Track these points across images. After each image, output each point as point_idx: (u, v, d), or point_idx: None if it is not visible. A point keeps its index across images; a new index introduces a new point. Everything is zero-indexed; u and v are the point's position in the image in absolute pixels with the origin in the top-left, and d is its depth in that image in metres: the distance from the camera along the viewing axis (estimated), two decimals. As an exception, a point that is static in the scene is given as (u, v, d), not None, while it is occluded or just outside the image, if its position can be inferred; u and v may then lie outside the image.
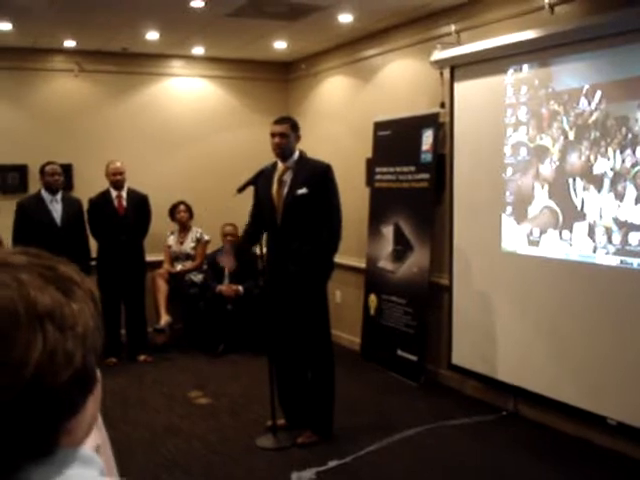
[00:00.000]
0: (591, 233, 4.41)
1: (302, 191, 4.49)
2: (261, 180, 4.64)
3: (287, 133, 4.55)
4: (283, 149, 4.56)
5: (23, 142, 7.00)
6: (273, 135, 4.57)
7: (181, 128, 7.69)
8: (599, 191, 4.33)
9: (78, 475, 0.79)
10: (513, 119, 4.99)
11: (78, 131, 7.24)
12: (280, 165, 4.63)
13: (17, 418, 0.73)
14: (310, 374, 4.67)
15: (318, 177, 4.52)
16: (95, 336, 0.80)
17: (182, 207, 7.36)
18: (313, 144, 6.24)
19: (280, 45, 7.01)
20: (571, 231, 4.55)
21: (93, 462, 0.82)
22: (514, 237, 5.01)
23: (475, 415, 5.10)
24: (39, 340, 0.73)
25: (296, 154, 4.62)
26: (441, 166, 5.73)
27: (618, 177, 4.20)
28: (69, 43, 6.81)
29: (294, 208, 4.52)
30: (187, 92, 7.79)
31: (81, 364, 0.77)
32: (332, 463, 4.30)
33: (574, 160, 4.51)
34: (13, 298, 0.74)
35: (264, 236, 4.79)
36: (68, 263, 0.83)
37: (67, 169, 6.85)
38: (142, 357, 6.68)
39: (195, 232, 7.39)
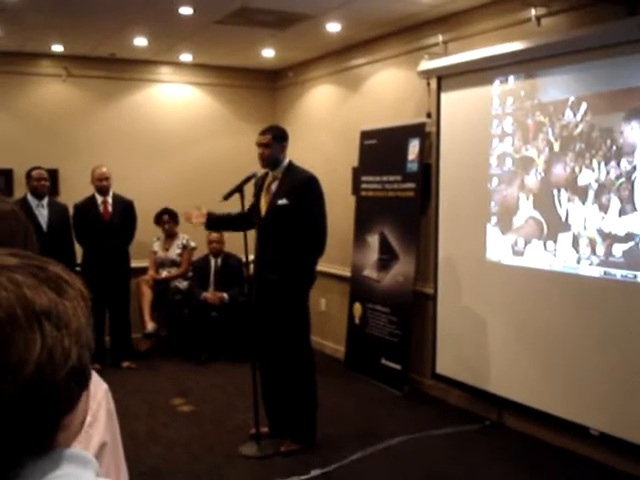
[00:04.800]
0: (575, 244, 4.43)
1: (282, 202, 4.53)
2: (256, 188, 4.74)
3: (269, 144, 4.58)
4: (265, 159, 4.61)
5: (9, 146, 6.98)
6: (257, 145, 4.64)
7: (168, 135, 7.68)
8: (583, 202, 4.36)
9: (75, 474, 0.80)
10: (499, 130, 5.01)
11: (64, 136, 7.23)
12: (270, 174, 4.67)
13: (19, 415, 0.74)
14: (291, 382, 4.67)
15: (299, 189, 4.53)
16: (88, 333, 0.82)
17: (166, 217, 7.31)
18: (300, 152, 6.24)
19: (268, 53, 7.02)
20: (555, 242, 4.58)
21: (90, 463, 0.84)
22: (499, 247, 5.03)
23: (459, 425, 5.11)
24: (38, 339, 0.75)
25: (284, 163, 4.63)
26: (427, 176, 5.75)
27: (602, 189, 4.23)
28: (57, 48, 6.80)
29: (274, 218, 4.57)
30: (174, 99, 7.79)
31: (77, 360, 0.79)
32: (315, 472, 4.29)
33: (559, 171, 4.54)
34: (10, 299, 0.75)
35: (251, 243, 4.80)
36: (56, 263, 0.85)
37: (53, 174, 6.82)
38: (126, 364, 6.65)
39: (181, 239, 7.36)
